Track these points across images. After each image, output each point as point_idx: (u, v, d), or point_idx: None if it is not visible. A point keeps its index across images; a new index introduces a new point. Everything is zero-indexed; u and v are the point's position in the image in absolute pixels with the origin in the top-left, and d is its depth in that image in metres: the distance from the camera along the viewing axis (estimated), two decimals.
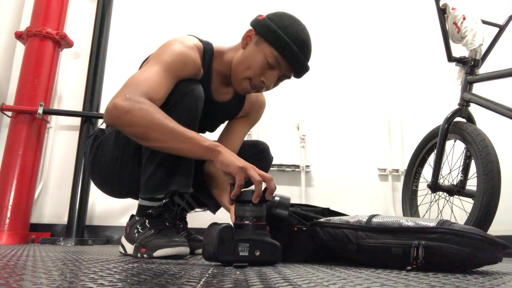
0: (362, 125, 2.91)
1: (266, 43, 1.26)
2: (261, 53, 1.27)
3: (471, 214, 1.52)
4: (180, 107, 1.19)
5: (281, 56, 1.26)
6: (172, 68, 1.19)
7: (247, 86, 1.33)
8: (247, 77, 1.31)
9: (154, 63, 1.19)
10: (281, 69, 1.29)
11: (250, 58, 1.29)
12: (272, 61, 1.27)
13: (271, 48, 1.26)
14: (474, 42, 1.75)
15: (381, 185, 2.84)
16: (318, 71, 2.88)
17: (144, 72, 1.17)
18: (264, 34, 1.27)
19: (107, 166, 1.35)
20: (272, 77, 1.30)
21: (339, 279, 0.71)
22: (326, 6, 3.05)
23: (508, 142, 2.12)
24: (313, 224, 1.16)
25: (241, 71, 1.31)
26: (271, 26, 1.25)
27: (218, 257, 0.91)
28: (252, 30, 1.31)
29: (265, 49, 1.26)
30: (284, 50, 1.25)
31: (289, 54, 1.25)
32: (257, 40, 1.29)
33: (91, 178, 1.48)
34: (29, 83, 2.41)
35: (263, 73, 1.29)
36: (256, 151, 1.57)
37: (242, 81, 1.32)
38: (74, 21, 2.80)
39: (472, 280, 0.75)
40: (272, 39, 1.25)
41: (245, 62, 1.30)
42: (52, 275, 0.65)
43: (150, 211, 1.30)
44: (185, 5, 2.94)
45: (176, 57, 1.21)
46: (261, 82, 1.30)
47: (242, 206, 1.00)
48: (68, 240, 2.29)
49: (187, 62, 1.24)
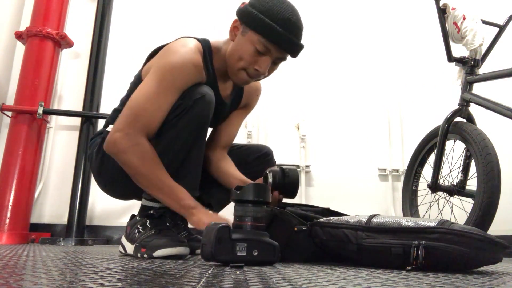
0: (362, 125, 2.91)
1: (252, 31, 1.25)
2: (248, 41, 1.26)
3: (471, 214, 1.52)
4: (190, 113, 1.22)
5: (268, 41, 1.24)
6: (174, 85, 1.22)
7: (245, 77, 1.33)
8: (241, 68, 1.31)
9: (155, 83, 1.22)
10: (273, 53, 1.27)
11: (240, 49, 1.28)
12: (260, 47, 1.25)
13: (256, 35, 1.24)
14: (474, 42, 1.75)
15: (381, 185, 2.84)
16: (318, 71, 2.89)
17: (145, 96, 1.21)
18: (248, 21, 1.25)
19: (116, 168, 1.33)
20: (265, 64, 1.28)
21: (339, 279, 0.71)
22: (326, 6, 3.05)
23: (508, 142, 2.12)
24: (313, 224, 1.16)
25: (234, 63, 1.31)
26: (252, 12, 1.24)
27: (215, 257, 0.91)
28: (237, 20, 1.31)
29: (252, 37, 1.25)
30: (269, 34, 1.23)
31: (276, 37, 1.23)
32: (243, 30, 1.28)
33: (96, 180, 1.46)
34: (29, 83, 2.41)
35: (255, 61, 1.28)
36: (260, 155, 1.61)
37: (238, 73, 1.32)
38: (74, 21, 2.80)
39: (472, 280, 0.75)
40: (255, 26, 1.23)
41: (236, 54, 1.30)
42: (52, 275, 0.65)
43: (151, 211, 1.30)
44: (185, 5, 2.94)
45: (176, 71, 1.22)
46: (255, 70, 1.29)
47: (241, 206, 1.00)
48: (68, 240, 2.29)
49: (189, 71, 1.24)
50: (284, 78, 2.55)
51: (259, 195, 1.00)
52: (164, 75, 1.22)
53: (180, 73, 1.23)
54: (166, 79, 1.22)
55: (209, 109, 1.26)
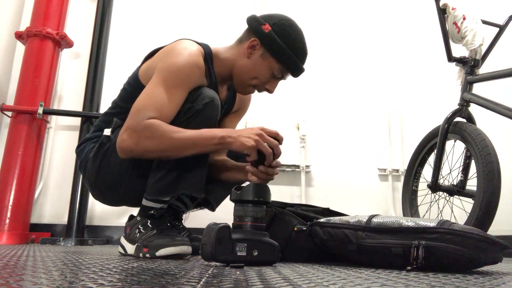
0: (362, 125, 2.91)
1: (274, 58, 1.35)
2: (267, 66, 1.36)
3: (471, 214, 1.52)
4: (201, 115, 1.25)
5: (286, 69, 1.37)
6: (179, 84, 1.24)
7: (251, 91, 1.44)
8: (252, 85, 1.41)
9: (160, 83, 1.23)
10: (283, 77, 1.41)
11: (257, 69, 1.37)
12: (278, 74, 1.38)
13: (278, 64, 1.35)
14: (474, 42, 1.75)
15: (381, 185, 2.84)
16: (318, 71, 2.88)
17: (148, 95, 1.23)
18: (271, 49, 1.34)
19: (116, 173, 1.33)
20: (275, 85, 1.43)
21: (339, 279, 0.71)
22: (327, 7, 3.05)
23: (508, 142, 2.12)
24: (313, 224, 1.16)
25: (248, 79, 1.39)
26: (280, 44, 1.32)
27: (215, 257, 0.91)
28: (256, 40, 1.35)
29: (272, 63, 1.35)
30: (292, 67, 1.37)
31: (294, 68, 1.37)
32: (263, 53, 1.35)
33: (91, 187, 1.43)
34: (29, 83, 2.41)
35: (267, 82, 1.40)
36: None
37: (247, 87, 1.42)
38: (74, 21, 2.79)
39: (472, 280, 0.75)
40: (281, 57, 1.34)
41: (251, 72, 1.38)
42: (52, 275, 0.65)
43: (152, 212, 1.30)
44: (185, 5, 2.94)
45: (181, 72, 1.24)
46: (265, 89, 1.42)
47: (241, 206, 1.01)
48: (68, 240, 2.29)
49: (193, 73, 1.27)
50: None
51: (259, 195, 1.00)
52: (168, 76, 1.24)
53: (184, 73, 1.25)
54: (171, 79, 1.23)
55: (217, 113, 1.30)
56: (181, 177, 1.25)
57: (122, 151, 1.23)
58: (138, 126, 1.19)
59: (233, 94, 1.55)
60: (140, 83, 1.35)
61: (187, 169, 1.26)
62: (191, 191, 1.27)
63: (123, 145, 1.21)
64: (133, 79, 1.40)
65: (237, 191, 1.01)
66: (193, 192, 1.28)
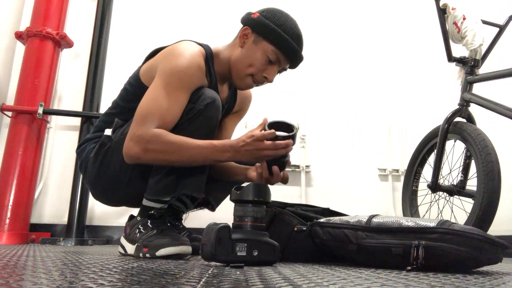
0: (362, 125, 2.91)
1: (266, 41, 1.32)
2: (261, 50, 1.33)
3: (471, 214, 1.52)
4: (202, 116, 1.25)
5: (281, 52, 1.33)
6: (182, 86, 1.24)
7: (250, 82, 1.40)
8: (249, 74, 1.37)
9: (162, 86, 1.23)
10: (281, 63, 1.36)
11: (251, 56, 1.35)
12: (273, 57, 1.34)
13: (271, 45, 1.32)
14: (474, 42, 1.75)
15: (381, 185, 2.84)
16: (318, 71, 2.89)
17: (153, 99, 1.23)
18: (263, 32, 1.32)
19: (117, 172, 1.33)
20: (273, 72, 1.37)
21: (339, 279, 0.71)
22: (327, 7, 3.05)
23: (508, 142, 2.12)
24: (313, 224, 1.16)
25: (243, 68, 1.36)
26: (269, 24, 1.31)
27: (215, 257, 0.91)
28: (248, 28, 1.35)
29: (265, 46, 1.33)
30: (284, 46, 1.32)
31: (289, 49, 1.33)
32: (255, 39, 1.34)
33: (92, 187, 1.43)
34: (29, 83, 2.41)
35: (264, 69, 1.36)
36: None
37: (245, 78, 1.38)
38: (74, 21, 2.79)
39: (472, 280, 0.75)
40: (272, 37, 1.31)
41: (246, 60, 1.35)
42: (52, 275, 0.65)
43: (152, 212, 1.30)
44: (185, 5, 2.94)
45: (183, 73, 1.25)
46: (263, 77, 1.37)
47: (241, 206, 1.01)
48: (68, 240, 2.29)
49: (195, 74, 1.28)
50: (284, 78, 2.54)
51: (259, 195, 1.00)
52: (170, 78, 1.24)
53: (186, 75, 1.25)
54: (173, 81, 1.24)
55: (218, 113, 1.30)
56: (182, 177, 1.26)
57: (129, 158, 1.24)
58: (145, 135, 1.19)
59: (234, 93, 1.55)
60: (141, 83, 1.35)
61: (188, 169, 1.26)
62: (191, 192, 1.28)
63: (131, 152, 1.22)
64: (134, 79, 1.40)
65: (237, 191, 1.01)
66: (193, 193, 1.28)
